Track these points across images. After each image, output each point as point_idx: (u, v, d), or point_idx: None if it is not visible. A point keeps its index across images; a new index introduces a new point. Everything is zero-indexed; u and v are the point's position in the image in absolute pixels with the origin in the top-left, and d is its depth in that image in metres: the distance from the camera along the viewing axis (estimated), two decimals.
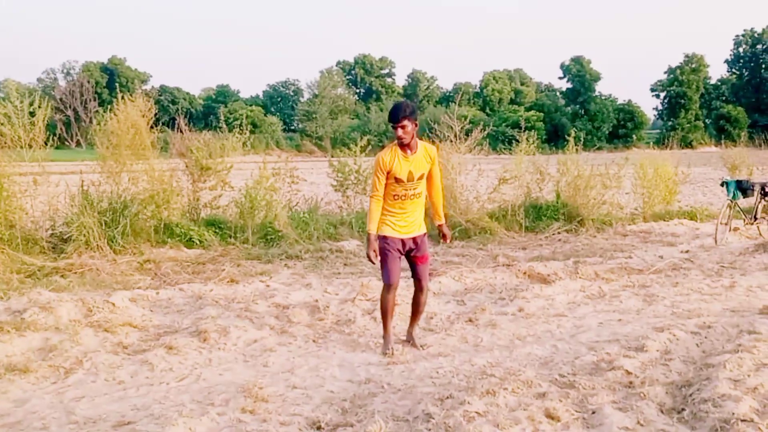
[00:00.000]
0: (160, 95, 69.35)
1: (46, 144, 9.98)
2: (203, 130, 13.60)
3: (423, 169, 5.46)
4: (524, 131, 13.83)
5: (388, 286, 5.55)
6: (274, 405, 4.28)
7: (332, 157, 13.78)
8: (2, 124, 9.63)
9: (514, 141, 14.02)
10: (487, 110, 77.05)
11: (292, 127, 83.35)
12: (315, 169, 19.32)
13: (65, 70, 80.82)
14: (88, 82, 72.63)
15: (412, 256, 5.63)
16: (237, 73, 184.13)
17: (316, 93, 79.98)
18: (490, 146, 14.43)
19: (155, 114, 11.07)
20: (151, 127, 10.91)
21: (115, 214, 9.71)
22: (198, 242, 10.33)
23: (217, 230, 10.79)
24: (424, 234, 5.66)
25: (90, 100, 69.19)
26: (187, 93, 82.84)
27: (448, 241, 5.97)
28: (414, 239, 5.56)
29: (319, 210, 12.35)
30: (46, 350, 5.30)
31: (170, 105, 70.27)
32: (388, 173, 5.39)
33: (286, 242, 10.54)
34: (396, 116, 5.29)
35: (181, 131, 12.09)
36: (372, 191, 5.52)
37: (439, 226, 5.82)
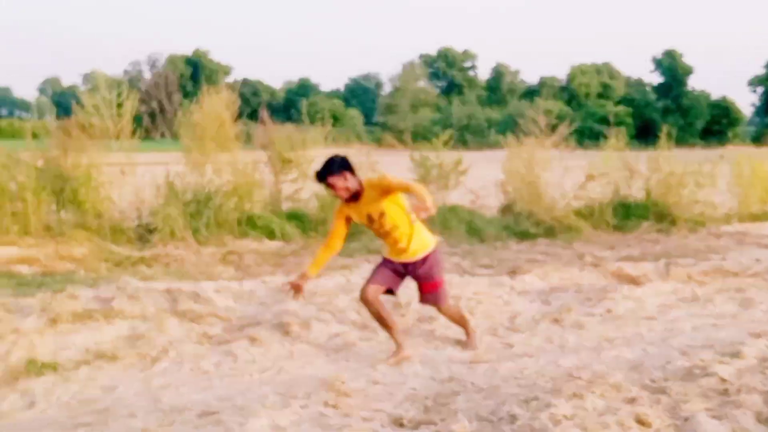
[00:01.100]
0: (242, 88, 70.65)
1: (134, 135, 10.22)
2: (284, 122, 13.72)
3: (380, 208, 5.12)
4: (613, 127, 13.48)
5: (363, 289, 5.24)
6: (356, 400, 4.22)
7: (413, 151, 13.67)
8: (91, 115, 9.90)
9: (601, 137, 13.69)
10: (574, 105, 75.58)
11: (373, 121, 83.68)
12: (395, 162, 19.21)
13: (150, 62, 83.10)
14: (173, 73, 74.53)
15: (417, 283, 5.38)
16: (318, 66, 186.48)
17: (397, 86, 80.00)
18: (576, 142, 14.14)
19: (238, 107, 11.22)
20: (235, 120, 11.06)
21: (199, 205, 9.88)
22: (279, 235, 10.40)
23: (298, 223, 10.85)
24: (424, 258, 5.29)
25: (174, 92, 70.92)
26: (269, 86, 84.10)
27: None
28: (413, 264, 5.27)
29: None
30: (133, 338, 5.39)
31: (252, 97, 71.42)
32: (347, 218, 5.18)
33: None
34: (322, 176, 5.02)
35: (264, 124, 12.21)
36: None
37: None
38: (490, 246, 10.75)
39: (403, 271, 5.28)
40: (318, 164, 5.13)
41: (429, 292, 5.37)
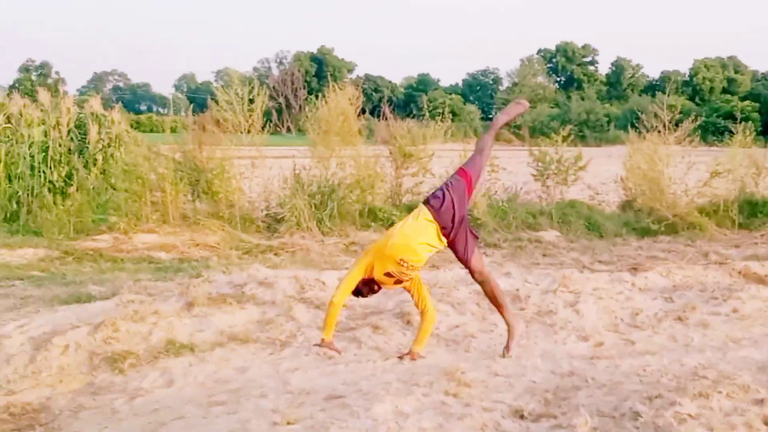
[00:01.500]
0: (364, 83, 71.62)
1: (263, 130, 10.67)
2: (404, 117, 13.91)
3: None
4: (739, 122, 12.92)
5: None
6: (476, 390, 4.30)
7: (530, 146, 13.58)
8: (224, 110, 10.40)
9: (726, 132, 13.16)
10: (697, 100, 72.36)
11: (490, 116, 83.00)
12: (513, 157, 19.05)
13: (278, 60, 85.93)
14: (299, 70, 76.53)
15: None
16: (437, 62, 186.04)
17: (515, 81, 79.18)
18: (700, 138, 13.64)
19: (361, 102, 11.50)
20: (358, 115, 11.33)
21: (324, 197, 10.21)
22: None
23: None
24: None
25: (300, 88, 72.76)
26: (390, 81, 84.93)
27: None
28: None
29: (518, 199, 12.24)
30: (263, 323, 5.66)
31: (373, 93, 72.31)
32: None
33: (484, 230, 10.56)
34: None
35: (385, 119, 12.43)
36: None
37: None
38: (609, 242, 10.58)
39: None
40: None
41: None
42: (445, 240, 4.98)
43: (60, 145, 11.86)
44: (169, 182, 9.83)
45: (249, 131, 10.39)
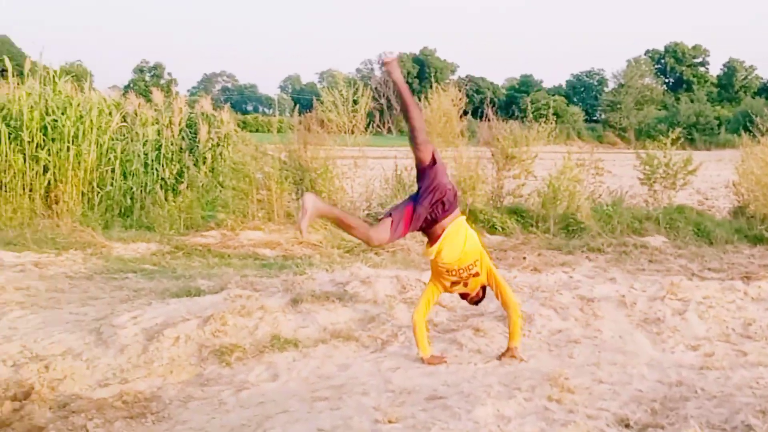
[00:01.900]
0: (465, 84, 71.45)
1: (366, 130, 10.81)
2: (506, 119, 13.80)
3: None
4: None
5: None
6: (580, 397, 4.23)
7: (635, 149, 13.22)
8: (329, 111, 10.58)
9: None
10: None
11: (594, 118, 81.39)
12: (618, 160, 18.65)
13: (381, 61, 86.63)
14: (401, 71, 76.98)
15: None
16: (541, 63, 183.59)
17: (621, 83, 77.19)
18: None
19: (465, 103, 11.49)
20: (460, 116, 11.32)
21: None
22: (500, 229, 10.52)
23: (519, 218, 10.91)
24: None
25: None
26: (491, 83, 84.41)
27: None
28: None
29: (623, 203, 11.94)
30: (365, 321, 5.73)
31: (474, 94, 71.97)
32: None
33: (588, 234, 10.37)
34: None
35: (488, 120, 12.36)
36: None
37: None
38: (719, 249, 10.18)
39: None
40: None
41: None
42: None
43: (172, 144, 12.36)
44: (275, 181, 10.08)
45: (352, 132, 10.55)
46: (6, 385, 4.42)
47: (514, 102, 73.16)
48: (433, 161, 4.83)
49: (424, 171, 4.84)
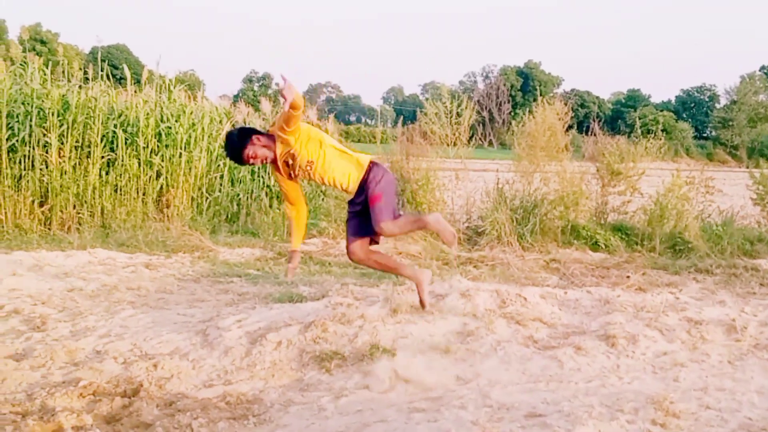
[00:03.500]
0: (570, 98, 70.51)
1: (469, 143, 10.79)
2: (611, 134, 13.50)
3: (288, 151, 5.09)
4: None
5: (348, 252, 5.70)
6: (686, 422, 4.08)
7: (748, 167, 12.65)
8: (432, 122, 10.62)
9: None
10: None
11: (704, 134, 78.59)
12: (728, 179, 17.91)
13: (484, 73, 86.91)
14: (504, 84, 76.61)
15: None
16: (649, 78, 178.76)
17: (734, 99, 74.33)
18: None
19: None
20: (565, 131, 11.15)
21: (526, 212, 10.13)
22: (603, 246, 10.29)
23: (623, 236, 10.63)
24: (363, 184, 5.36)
25: (504, 102, 72.81)
26: (597, 97, 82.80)
27: None
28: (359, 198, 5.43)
29: (734, 223, 11.46)
30: (464, 334, 5.69)
31: (579, 108, 70.80)
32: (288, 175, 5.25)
33: (695, 254, 9.99)
34: (238, 159, 5.13)
35: (594, 135, 12.13)
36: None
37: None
38: None
39: (361, 209, 5.38)
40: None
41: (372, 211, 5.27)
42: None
43: None
44: None
45: (455, 144, 10.55)
46: (117, 381, 4.62)
47: (619, 117, 71.66)
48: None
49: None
